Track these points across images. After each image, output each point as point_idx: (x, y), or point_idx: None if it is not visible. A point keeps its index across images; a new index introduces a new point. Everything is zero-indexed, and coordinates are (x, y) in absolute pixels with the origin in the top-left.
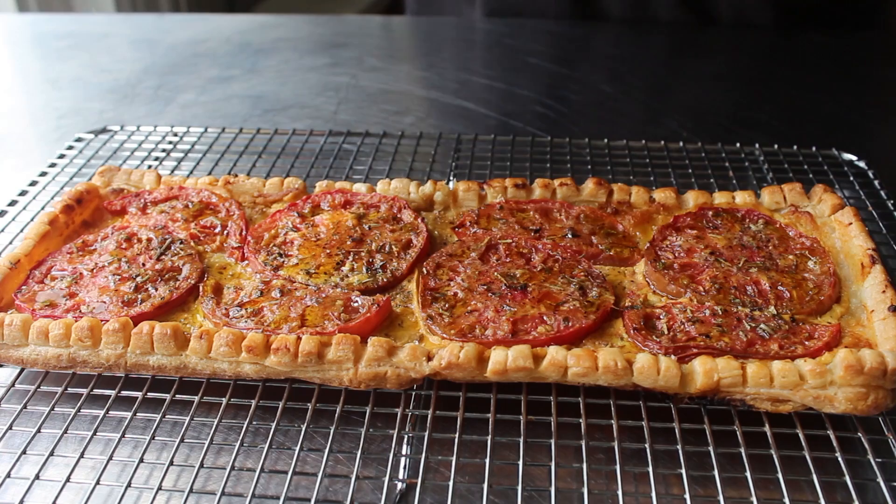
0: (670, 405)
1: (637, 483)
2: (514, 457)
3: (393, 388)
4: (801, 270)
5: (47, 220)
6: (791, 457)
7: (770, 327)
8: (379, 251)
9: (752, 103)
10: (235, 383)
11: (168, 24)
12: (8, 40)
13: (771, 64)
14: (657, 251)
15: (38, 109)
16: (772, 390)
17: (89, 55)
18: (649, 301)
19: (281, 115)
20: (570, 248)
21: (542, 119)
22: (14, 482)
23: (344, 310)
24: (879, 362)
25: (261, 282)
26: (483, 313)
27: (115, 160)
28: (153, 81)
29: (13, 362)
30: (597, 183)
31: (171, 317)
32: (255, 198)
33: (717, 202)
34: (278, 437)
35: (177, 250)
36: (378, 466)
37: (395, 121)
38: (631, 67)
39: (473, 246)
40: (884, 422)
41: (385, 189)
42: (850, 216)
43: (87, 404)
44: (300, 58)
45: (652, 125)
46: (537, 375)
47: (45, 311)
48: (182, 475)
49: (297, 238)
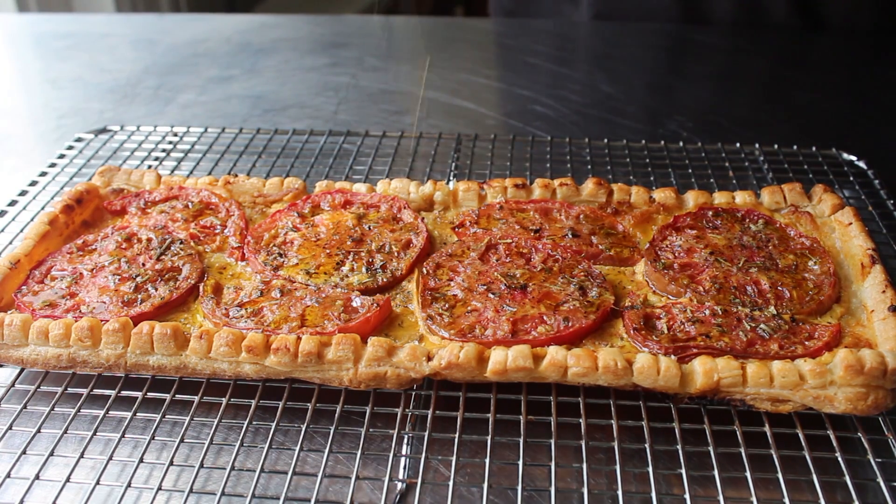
0: (670, 405)
1: (637, 483)
2: (514, 457)
3: (393, 388)
4: (801, 270)
5: (47, 220)
6: (791, 457)
7: (770, 327)
8: (379, 251)
9: (752, 103)
10: (235, 383)
11: (168, 24)
12: (8, 40)
13: (771, 64)
14: (657, 251)
15: (38, 109)
16: (772, 390)
17: (89, 55)
18: (649, 301)
19: (281, 115)
20: (570, 248)
21: (542, 119)
22: (14, 482)
23: (344, 310)
24: (879, 362)
25: (261, 282)
26: (483, 313)
27: (115, 160)
28: (153, 81)
29: (13, 362)
30: (597, 183)
31: (171, 317)
32: (255, 198)
33: (717, 202)
34: (278, 437)
35: (177, 250)
36: (378, 466)
37: (395, 121)
38: (631, 67)
39: (473, 246)
40: (884, 422)
41: (385, 189)
42: (850, 216)
43: (87, 404)
44: (300, 58)
45: (652, 125)
46: (537, 375)
47: (45, 311)
48: (182, 475)
49: (297, 238)
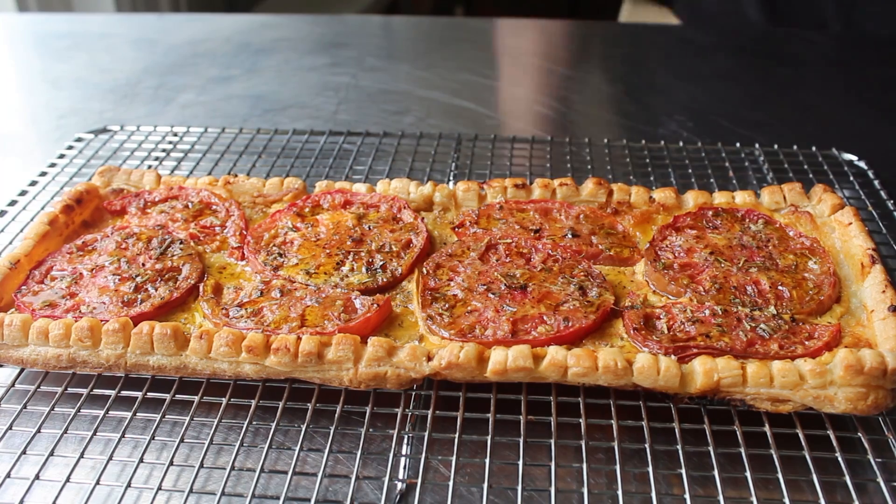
0: (670, 405)
1: (637, 483)
2: (514, 457)
3: (393, 388)
4: (801, 270)
5: (47, 220)
6: (791, 457)
7: (770, 327)
8: (379, 251)
9: (752, 103)
10: (235, 383)
11: (168, 24)
12: (8, 40)
13: (771, 64)
14: (657, 251)
15: (38, 109)
16: (772, 390)
17: (89, 55)
18: (649, 301)
19: (281, 115)
20: (570, 248)
21: (542, 119)
22: (14, 482)
23: (344, 310)
24: (879, 362)
25: (261, 282)
26: (483, 313)
27: (115, 160)
28: (153, 81)
29: (13, 362)
30: (597, 183)
31: (171, 317)
32: (255, 198)
33: (716, 202)
34: (278, 437)
35: (177, 250)
36: (378, 466)
37: (395, 121)
38: (631, 67)
39: (473, 246)
40: (884, 422)
41: (385, 189)
42: (849, 216)
43: (87, 404)
44: (300, 58)
45: (652, 125)
46: (537, 375)
47: (45, 311)
48: (182, 475)
49: (297, 238)
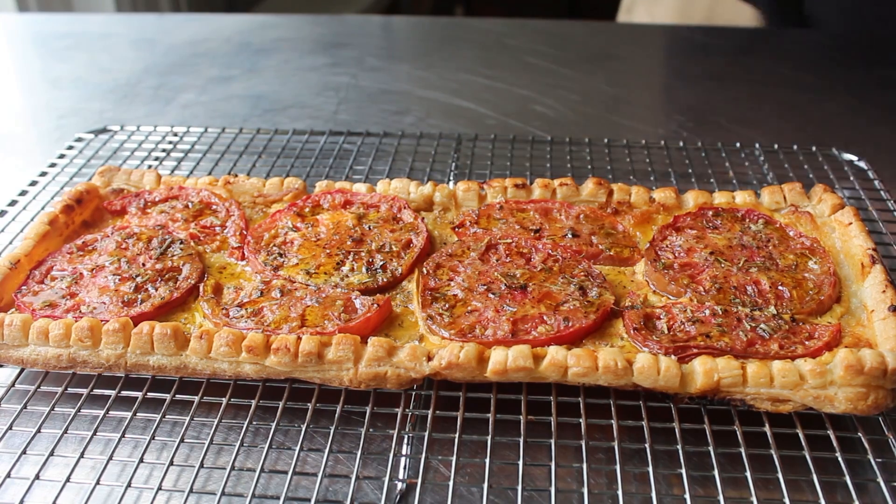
0: (670, 405)
1: (637, 483)
2: (514, 457)
3: (393, 388)
4: (801, 270)
5: (47, 220)
6: (791, 457)
7: (770, 327)
8: (379, 251)
9: (753, 103)
10: (235, 383)
11: (168, 24)
12: (8, 40)
13: (771, 64)
14: (657, 251)
15: (38, 109)
16: (772, 390)
17: (89, 55)
18: (649, 301)
19: (281, 115)
20: (570, 248)
21: (542, 119)
22: (14, 482)
23: (344, 310)
24: (879, 362)
25: (261, 282)
26: (483, 313)
27: (115, 160)
28: (153, 81)
29: (13, 362)
30: (597, 183)
31: (171, 317)
32: (255, 198)
33: (717, 202)
34: (278, 437)
35: (177, 250)
36: (378, 466)
37: (395, 121)
38: (631, 67)
39: (473, 246)
40: (884, 422)
41: (385, 189)
42: (850, 216)
43: (87, 404)
44: (300, 58)
45: (652, 125)
46: (537, 375)
47: (45, 311)
48: (182, 475)
49: (297, 238)
